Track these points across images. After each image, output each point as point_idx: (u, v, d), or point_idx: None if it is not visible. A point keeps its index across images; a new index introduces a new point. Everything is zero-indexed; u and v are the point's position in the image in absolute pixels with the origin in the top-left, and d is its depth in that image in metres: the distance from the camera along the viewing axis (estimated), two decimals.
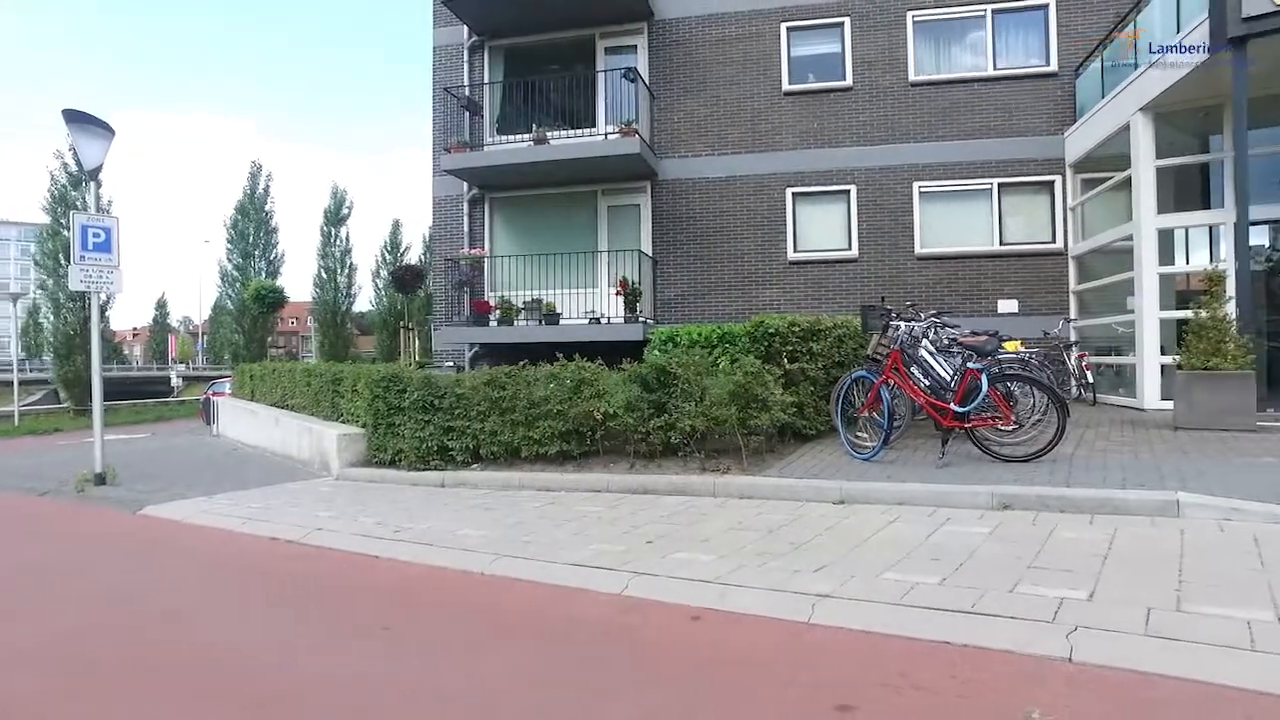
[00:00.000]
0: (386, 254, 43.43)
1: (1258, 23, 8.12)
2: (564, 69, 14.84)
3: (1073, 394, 11.41)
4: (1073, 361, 11.41)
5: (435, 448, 8.36)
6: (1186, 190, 10.87)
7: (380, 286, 41.66)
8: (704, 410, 7.08)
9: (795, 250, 13.90)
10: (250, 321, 40.48)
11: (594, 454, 7.92)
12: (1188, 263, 10.94)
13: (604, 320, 13.08)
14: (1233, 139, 8.80)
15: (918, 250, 13.42)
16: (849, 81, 13.86)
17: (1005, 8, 13.50)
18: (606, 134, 13.63)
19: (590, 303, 13.53)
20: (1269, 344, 9.93)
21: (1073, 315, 12.64)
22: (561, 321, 13.07)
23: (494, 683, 3.27)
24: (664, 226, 14.39)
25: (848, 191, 13.74)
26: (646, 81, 14.23)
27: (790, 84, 14.08)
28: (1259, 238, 10.34)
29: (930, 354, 7.57)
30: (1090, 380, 11.15)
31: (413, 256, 42.46)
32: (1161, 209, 10.34)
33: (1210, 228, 10.42)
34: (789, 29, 14.15)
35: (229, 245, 45.09)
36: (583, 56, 14.83)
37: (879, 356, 7.18)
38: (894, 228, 13.51)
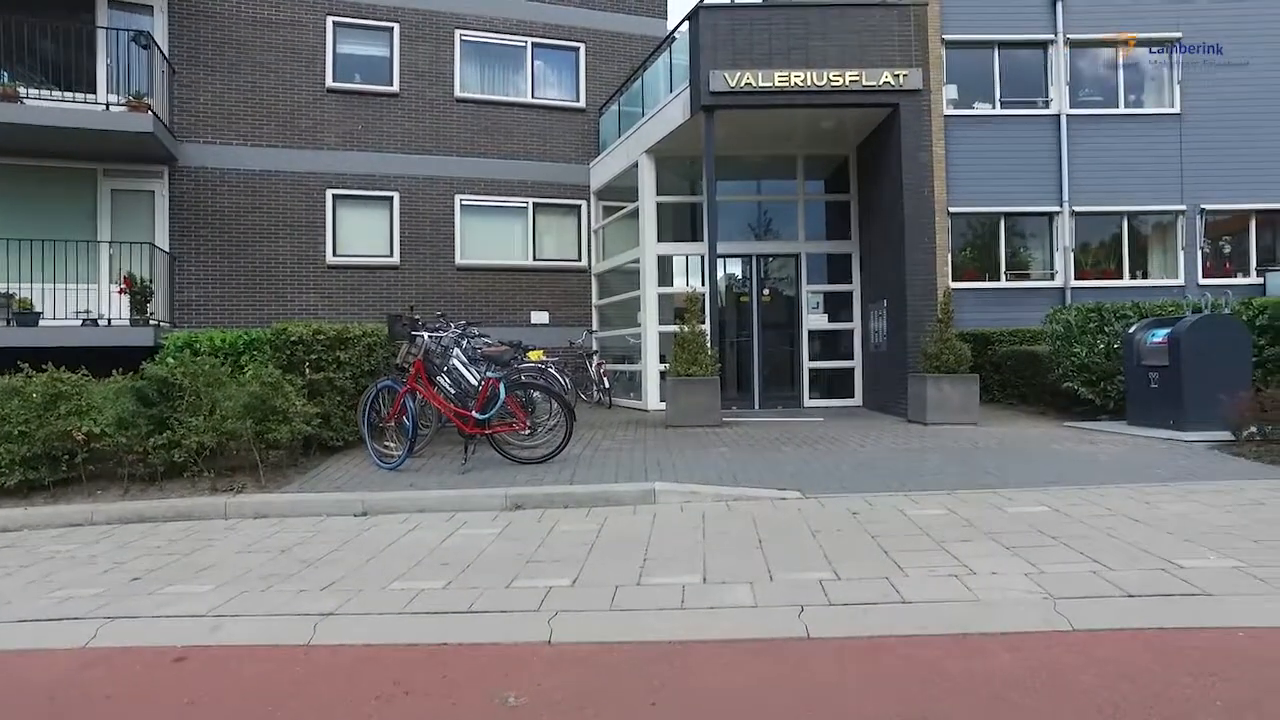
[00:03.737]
0: None
1: (721, 97, 10.09)
2: (64, 16, 12.20)
3: (594, 398, 12.78)
4: (593, 369, 12.79)
5: None
6: (681, 224, 12.92)
7: None
8: (215, 424, 6.43)
9: (335, 254, 13.40)
10: None
11: (75, 481, 6.69)
12: (687, 284, 12.89)
13: (104, 323, 11.13)
14: (706, 186, 10.72)
15: (458, 261, 13.89)
16: (396, 88, 13.81)
17: (543, 43, 14.66)
18: (109, 104, 11.63)
19: (86, 301, 11.39)
20: (737, 353, 12.31)
21: (594, 327, 14.20)
22: (42, 323, 10.79)
23: None
24: (185, 219, 12.77)
25: (391, 198, 13.67)
26: (165, 52, 12.50)
27: (335, 81, 13.56)
28: (735, 267, 12.70)
29: (463, 363, 7.85)
30: (607, 385, 12.59)
31: None
32: (662, 238, 12.15)
33: (701, 257, 12.47)
34: (335, 24, 13.62)
35: None
36: (81, 4, 12.45)
37: (406, 365, 7.25)
38: (436, 237, 13.79)
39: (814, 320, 12.37)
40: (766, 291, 12.46)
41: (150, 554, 5.09)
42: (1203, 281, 15.64)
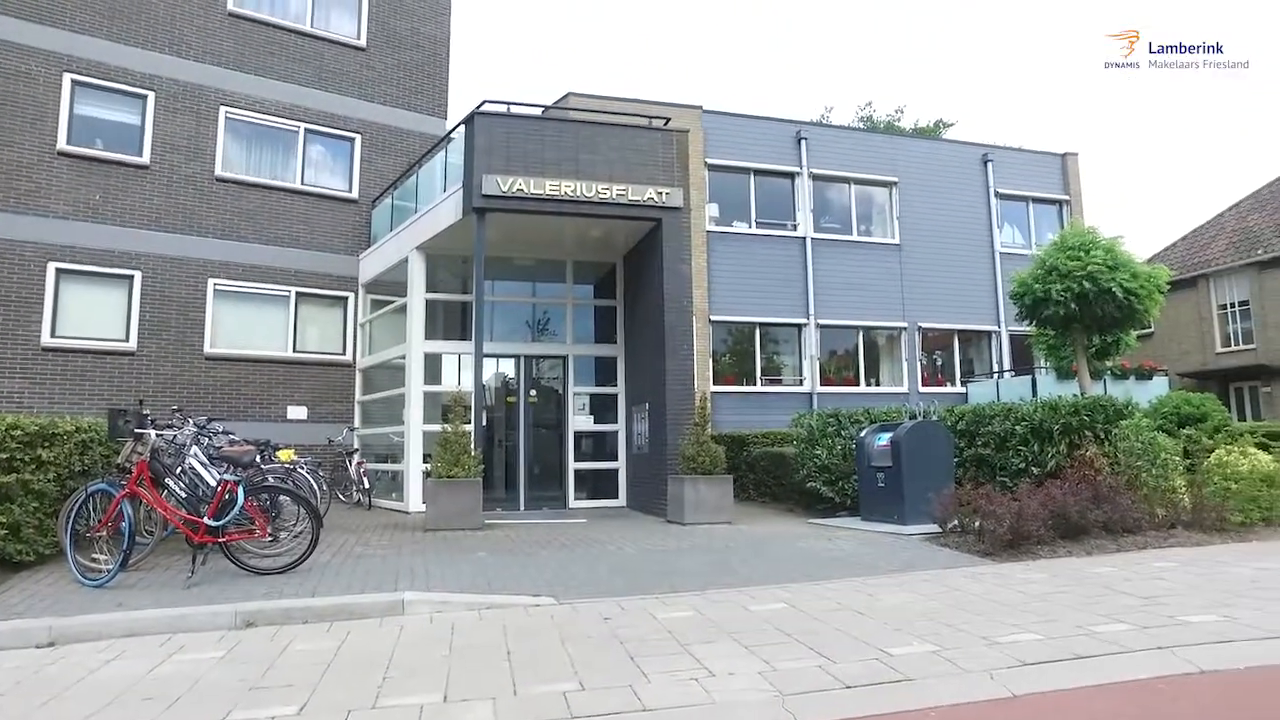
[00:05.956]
0: None
1: (493, 200, 10.32)
2: None
3: (353, 499, 12.06)
4: (353, 468, 12.11)
5: None
6: (452, 321, 12.81)
7: None
8: None
9: (54, 335, 11.85)
10: None
11: None
12: (458, 383, 12.57)
13: None
14: (475, 286, 10.79)
15: (208, 350, 12.81)
16: (146, 159, 12.80)
17: (318, 130, 14.30)
18: None
19: None
20: (505, 453, 12.19)
21: (357, 424, 13.53)
22: None
23: None
24: None
25: (131, 277, 12.44)
26: None
27: (69, 144, 12.31)
28: (505, 367, 12.69)
29: (202, 464, 7.17)
30: (368, 486, 11.93)
31: None
32: (431, 335, 11.97)
33: (475, 356, 12.34)
34: (75, 82, 12.45)
35: None
36: None
37: (129, 466, 6.48)
38: (183, 323, 12.66)
39: (580, 421, 12.60)
40: (534, 392, 12.57)
41: None
42: (922, 390, 17.88)
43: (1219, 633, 4.72)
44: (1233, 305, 23.68)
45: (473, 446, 9.74)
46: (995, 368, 19.00)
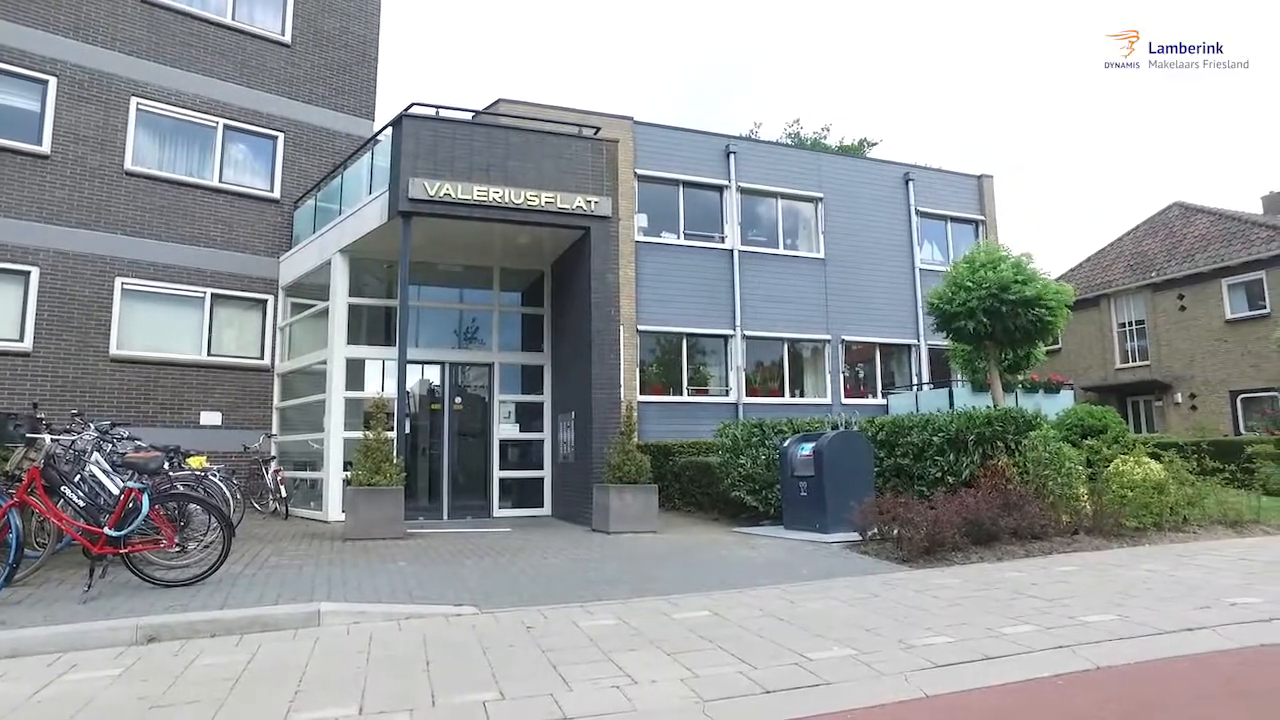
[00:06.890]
0: None
1: (419, 204, 10.16)
2: None
3: (270, 508, 11.67)
4: (270, 476, 11.71)
5: None
6: (375, 327, 12.54)
7: None
8: None
9: None
10: None
11: None
12: (381, 389, 12.21)
13: None
14: (400, 291, 10.60)
15: (114, 352, 12.22)
16: (46, 149, 12.16)
17: (238, 126, 13.84)
18: None
19: None
20: (429, 461, 11.97)
21: (274, 431, 13.10)
22: None
23: None
24: None
25: (28, 273, 11.79)
26: None
27: None
28: (430, 374, 12.48)
29: (104, 471, 6.84)
30: (285, 495, 11.55)
31: None
32: (354, 340, 11.69)
33: (398, 362, 12.07)
34: None
35: None
36: None
37: (20, 473, 6.12)
38: (86, 323, 12.05)
39: (506, 430, 12.49)
40: (459, 399, 12.39)
41: None
42: (845, 401, 18.28)
43: (1114, 631, 4.96)
44: (1130, 324, 25.05)
45: (395, 454, 9.54)
46: (915, 380, 19.59)
